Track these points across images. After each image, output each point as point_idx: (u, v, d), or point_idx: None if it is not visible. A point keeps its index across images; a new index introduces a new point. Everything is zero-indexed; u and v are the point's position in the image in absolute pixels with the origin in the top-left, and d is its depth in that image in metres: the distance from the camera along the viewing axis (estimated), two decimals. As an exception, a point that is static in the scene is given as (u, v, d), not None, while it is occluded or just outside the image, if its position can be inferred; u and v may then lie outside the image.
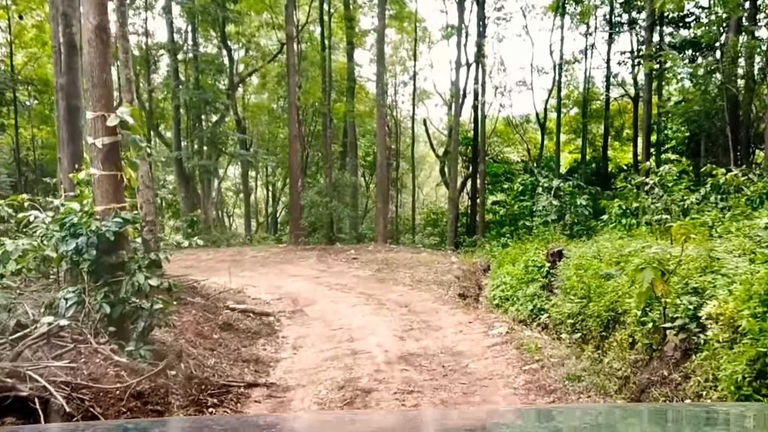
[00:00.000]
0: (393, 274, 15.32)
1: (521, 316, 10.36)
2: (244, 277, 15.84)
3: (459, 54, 30.20)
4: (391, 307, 10.80)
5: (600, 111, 33.96)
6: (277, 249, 21.11)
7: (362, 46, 32.96)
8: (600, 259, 10.17)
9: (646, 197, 9.92)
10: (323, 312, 10.69)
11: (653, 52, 14.62)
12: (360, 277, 15.30)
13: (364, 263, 17.49)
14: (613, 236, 12.99)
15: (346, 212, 26.16)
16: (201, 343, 6.87)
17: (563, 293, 9.82)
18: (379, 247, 21.04)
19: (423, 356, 7.23)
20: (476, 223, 29.92)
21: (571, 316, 8.69)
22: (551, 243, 12.56)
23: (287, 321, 10.09)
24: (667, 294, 7.00)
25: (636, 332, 7.73)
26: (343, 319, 9.67)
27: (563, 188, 14.21)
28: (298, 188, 22.82)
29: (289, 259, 18.95)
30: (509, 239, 17.80)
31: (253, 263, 18.33)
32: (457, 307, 10.57)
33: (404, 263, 17.09)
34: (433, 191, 53.33)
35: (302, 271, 16.64)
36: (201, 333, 7.28)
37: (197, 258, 19.63)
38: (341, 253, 19.64)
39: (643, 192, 10.28)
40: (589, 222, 15.46)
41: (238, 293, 13.35)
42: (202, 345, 6.82)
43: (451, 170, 30.56)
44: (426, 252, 20.51)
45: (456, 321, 9.18)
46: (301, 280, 15.12)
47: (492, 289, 12.49)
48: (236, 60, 38.45)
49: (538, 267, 11.50)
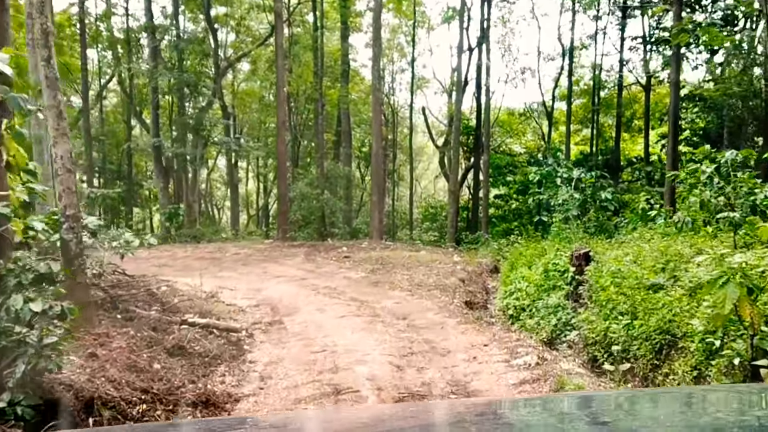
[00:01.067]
0: (389, 276, 13.54)
1: (542, 332, 8.59)
2: (222, 278, 14.05)
3: (461, 37, 28.34)
4: (387, 319, 9.02)
5: (609, 100, 32.19)
6: (262, 245, 19.29)
7: (357, 30, 31.01)
8: (639, 264, 8.39)
9: (703, 189, 8.14)
10: (305, 325, 8.91)
11: (687, 25, 12.81)
12: (351, 279, 13.51)
13: (357, 262, 15.70)
14: (643, 235, 11.24)
15: (338, 205, 24.33)
16: (131, 381, 5.07)
17: (597, 306, 8.04)
18: (374, 244, 19.24)
19: (428, 397, 5.44)
20: (478, 218, 28.13)
21: (614, 341, 6.90)
22: (574, 242, 10.77)
23: (261, 337, 8.30)
24: (757, 319, 5.22)
25: (703, 364, 5.97)
26: (328, 337, 7.89)
27: (584, 180, 12.42)
28: (286, 179, 20.98)
29: (275, 257, 17.13)
30: (518, 236, 16.01)
31: (234, 261, 16.52)
32: (466, 320, 8.76)
33: (402, 263, 15.30)
34: (432, 184, 51.52)
35: (287, 271, 14.84)
36: (135, 365, 5.47)
37: (173, 255, 17.83)
38: (332, 251, 17.83)
39: (699, 183, 8.47)
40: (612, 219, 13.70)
41: (210, 298, 11.55)
42: (132, 384, 5.01)
43: (452, 161, 28.79)
44: (425, 250, 18.71)
45: (467, 342, 7.38)
46: (285, 282, 13.33)
47: (504, 296, 10.70)
48: (225, 44, 36.60)
49: (560, 272, 9.73)
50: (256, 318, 9.74)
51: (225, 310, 10.18)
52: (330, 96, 31.12)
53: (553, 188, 11.84)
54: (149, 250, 19.38)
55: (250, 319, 9.57)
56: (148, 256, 18.11)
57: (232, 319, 9.38)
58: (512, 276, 11.31)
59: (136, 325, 6.90)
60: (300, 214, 22.51)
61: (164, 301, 8.90)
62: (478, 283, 13.80)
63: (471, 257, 16.44)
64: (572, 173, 11.75)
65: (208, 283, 13.17)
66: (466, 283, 13.08)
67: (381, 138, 21.45)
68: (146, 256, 18.20)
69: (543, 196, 11.49)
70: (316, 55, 25.57)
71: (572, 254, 9.78)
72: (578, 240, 10.98)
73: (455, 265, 15.44)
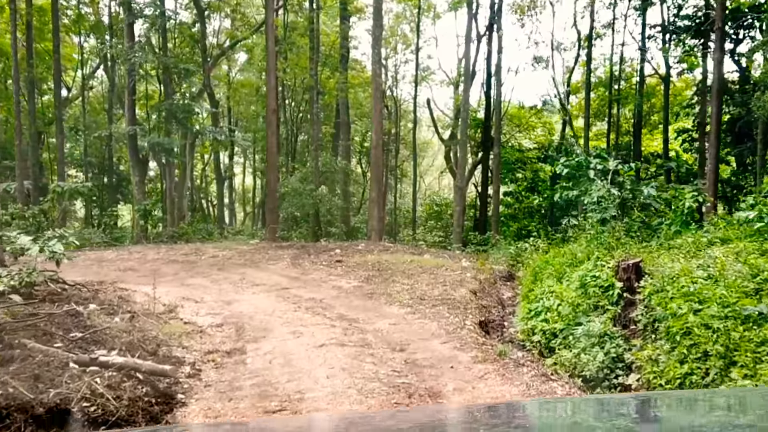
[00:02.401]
0: (386, 286, 11.40)
1: (585, 369, 6.45)
2: (190, 287, 11.94)
3: (470, 23, 26.11)
4: (379, 351, 6.88)
5: (626, 92, 30.08)
6: (246, 246, 17.15)
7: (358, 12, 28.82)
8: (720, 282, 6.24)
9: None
10: (272, 357, 6.78)
11: None
12: (342, 289, 11.38)
13: (351, 268, 13.58)
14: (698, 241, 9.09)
15: (335, 203, 22.17)
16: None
17: (666, 340, 5.89)
18: (372, 246, 17.08)
19: None
20: (487, 217, 25.96)
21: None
22: (616, 249, 8.58)
23: (209, 376, 6.17)
24: None
25: None
26: (295, 381, 5.77)
27: (622, 172, 10.25)
28: (276, 172, 18.85)
29: (257, 260, 15.01)
30: (536, 239, 13.84)
31: (210, 266, 14.40)
32: (484, 356, 6.56)
33: (402, 269, 13.18)
34: (436, 181, 49.38)
35: (269, 278, 12.72)
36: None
37: (142, 257, 15.71)
38: (323, 253, 15.70)
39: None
40: (651, 219, 11.52)
41: (168, 313, 9.48)
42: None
43: (459, 156, 26.67)
44: (429, 253, 16.56)
45: (489, 397, 5.20)
46: (262, 292, 11.22)
47: (528, 316, 8.54)
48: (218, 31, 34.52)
49: (603, 287, 7.57)
50: (214, 344, 7.63)
51: (178, 331, 8.06)
52: (328, 86, 29.03)
53: (584, 182, 9.72)
54: (117, 251, 17.32)
55: (206, 345, 7.45)
56: (114, 257, 16.03)
57: (181, 347, 7.27)
58: (537, 290, 9.15)
59: (14, 370, 4.78)
60: (290, 212, 20.36)
61: (87, 326, 6.78)
62: (492, 296, 11.66)
63: (482, 262, 14.29)
64: (608, 164, 9.60)
65: (171, 293, 11.08)
66: (478, 295, 10.94)
67: (381, 128, 19.30)
68: (113, 257, 16.13)
69: (573, 192, 9.35)
70: (312, 37, 23.39)
71: (618, 265, 7.62)
72: (620, 246, 8.80)
73: (464, 271, 13.30)
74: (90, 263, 15.21)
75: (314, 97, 23.09)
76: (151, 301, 9.91)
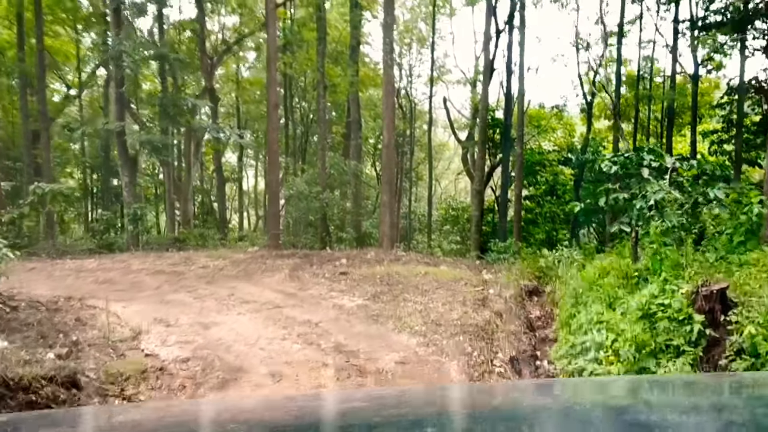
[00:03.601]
0: (396, 306, 9.69)
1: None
2: (169, 304, 10.29)
3: (488, 18, 24.34)
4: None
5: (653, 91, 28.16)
6: (242, 255, 15.49)
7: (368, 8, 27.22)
8: None
9: None
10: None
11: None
12: (343, 309, 9.68)
13: (356, 282, 11.87)
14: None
15: (343, 206, 20.48)
16: None
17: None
18: (383, 255, 15.37)
19: None
20: (506, 223, 24.11)
21: None
22: (689, 268, 6.77)
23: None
24: None
25: None
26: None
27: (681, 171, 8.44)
28: (277, 174, 17.21)
29: (252, 271, 13.35)
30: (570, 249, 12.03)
31: (198, 278, 12.75)
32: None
33: (415, 283, 11.47)
34: (452, 185, 47.59)
35: (261, 293, 11.05)
36: None
37: (126, 267, 14.11)
38: (328, 263, 14.02)
39: None
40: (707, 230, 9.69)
41: (131, 340, 7.85)
42: None
43: (476, 158, 24.89)
44: (446, 263, 14.83)
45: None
46: (250, 312, 9.55)
47: (572, 353, 6.75)
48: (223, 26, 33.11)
49: (678, 320, 5.78)
50: (170, 390, 5.97)
51: (129, 370, 6.40)
52: (340, 85, 27.46)
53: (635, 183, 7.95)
54: (100, 260, 15.77)
55: (155, 394, 5.78)
56: (95, 267, 14.45)
57: (121, 397, 5.61)
58: (581, 316, 7.36)
59: None
60: (294, 217, 18.71)
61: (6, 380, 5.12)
62: (521, 317, 9.88)
63: (507, 275, 12.49)
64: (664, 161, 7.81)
65: (144, 312, 9.44)
66: (504, 318, 9.18)
67: (393, 123, 17.61)
68: (93, 267, 14.55)
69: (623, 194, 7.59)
70: (319, 27, 21.76)
71: (696, 291, 5.83)
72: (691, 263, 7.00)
73: (486, 287, 11.55)
74: (67, 274, 13.68)
75: (321, 91, 21.44)
76: (113, 324, 8.32)
